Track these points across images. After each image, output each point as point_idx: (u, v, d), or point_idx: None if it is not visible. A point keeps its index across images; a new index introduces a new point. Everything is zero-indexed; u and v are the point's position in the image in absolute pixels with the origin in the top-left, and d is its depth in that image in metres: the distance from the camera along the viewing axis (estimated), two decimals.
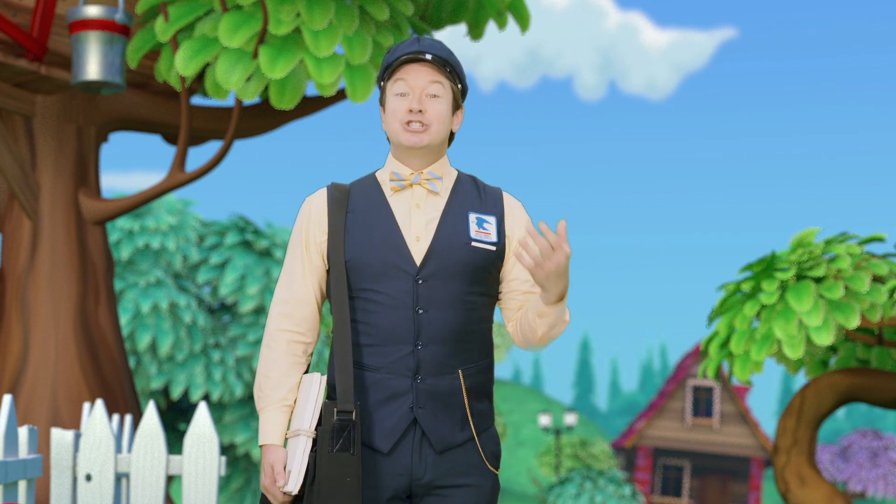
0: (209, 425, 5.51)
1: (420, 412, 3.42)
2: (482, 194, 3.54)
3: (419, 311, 3.41)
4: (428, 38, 3.50)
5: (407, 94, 3.46)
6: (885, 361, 9.92)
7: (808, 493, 9.26)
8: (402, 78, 3.46)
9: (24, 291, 9.39)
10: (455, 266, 3.43)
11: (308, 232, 3.51)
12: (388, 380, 3.42)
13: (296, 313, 3.50)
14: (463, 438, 3.46)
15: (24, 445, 4.79)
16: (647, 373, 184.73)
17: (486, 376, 3.53)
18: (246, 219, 30.00)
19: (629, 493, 32.33)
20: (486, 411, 3.52)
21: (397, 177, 3.49)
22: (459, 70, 3.52)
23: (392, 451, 3.43)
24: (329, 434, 3.34)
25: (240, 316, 29.54)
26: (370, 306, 3.43)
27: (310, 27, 8.53)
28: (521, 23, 10.29)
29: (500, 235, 3.49)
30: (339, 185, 3.55)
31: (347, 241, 3.46)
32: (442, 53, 3.47)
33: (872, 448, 32.89)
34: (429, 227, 3.45)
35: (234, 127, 9.23)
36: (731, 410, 49.01)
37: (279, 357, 3.49)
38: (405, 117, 3.44)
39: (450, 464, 3.45)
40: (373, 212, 3.47)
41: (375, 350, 3.43)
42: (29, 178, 9.38)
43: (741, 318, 8.92)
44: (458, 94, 3.51)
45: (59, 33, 9.10)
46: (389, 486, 3.43)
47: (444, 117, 3.46)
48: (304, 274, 3.51)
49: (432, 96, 3.45)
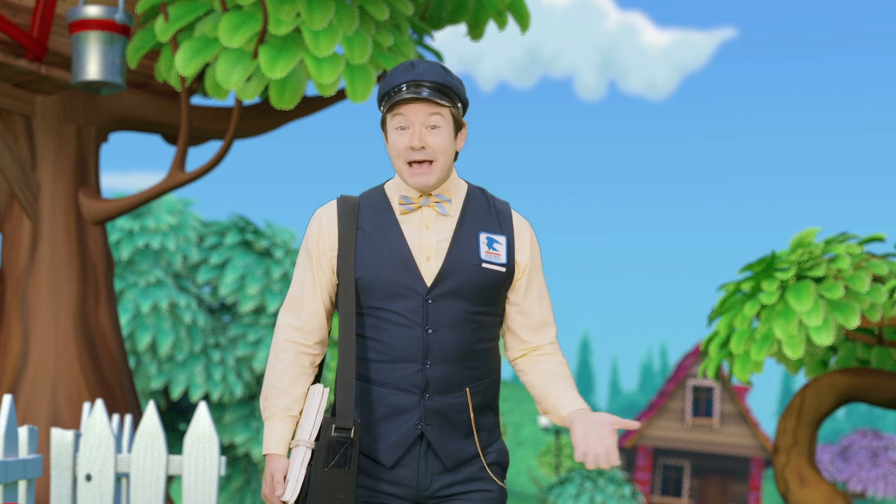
0: (209, 425, 5.51)
1: (427, 428, 3.44)
2: (492, 212, 3.54)
3: (428, 331, 3.42)
4: (423, 63, 3.46)
5: (407, 129, 3.44)
6: (885, 361, 9.92)
7: (808, 493, 9.26)
8: (401, 113, 3.44)
9: (24, 291, 9.39)
10: (465, 287, 3.44)
11: (318, 246, 3.52)
12: (395, 395, 3.44)
13: (304, 325, 3.52)
14: (470, 453, 3.48)
15: (24, 445, 4.79)
16: (647, 373, 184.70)
17: (493, 391, 3.54)
18: (246, 219, 30.00)
19: (629, 493, 32.33)
20: (492, 425, 3.54)
21: (406, 200, 3.49)
22: (458, 90, 3.48)
23: (396, 465, 3.45)
24: (325, 449, 3.36)
25: (240, 316, 29.54)
26: (380, 324, 3.44)
27: (310, 27, 8.53)
28: (521, 23, 10.29)
29: (509, 257, 3.50)
30: (348, 199, 3.55)
31: (358, 260, 3.46)
32: (438, 79, 3.44)
33: (872, 448, 32.89)
34: (440, 248, 3.46)
35: (234, 127, 9.23)
36: (731, 410, 49.01)
37: (286, 367, 3.51)
38: (407, 156, 3.43)
39: (456, 476, 3.48)
40: (383, 230, 3.48)
41: (384, 366, 3.44)
42: (29, 178, 9.38)
43: (741, 318, 8.92)
44: (459, 115, 3.49)
45: (59, 33, 9.10)
46: (395, 497, 3.46)
47: (446, 148, 3.45)
48: (313, 286, 3.52)
49: (432, 127, 3.44)
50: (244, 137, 10.23)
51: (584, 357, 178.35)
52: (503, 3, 10.16)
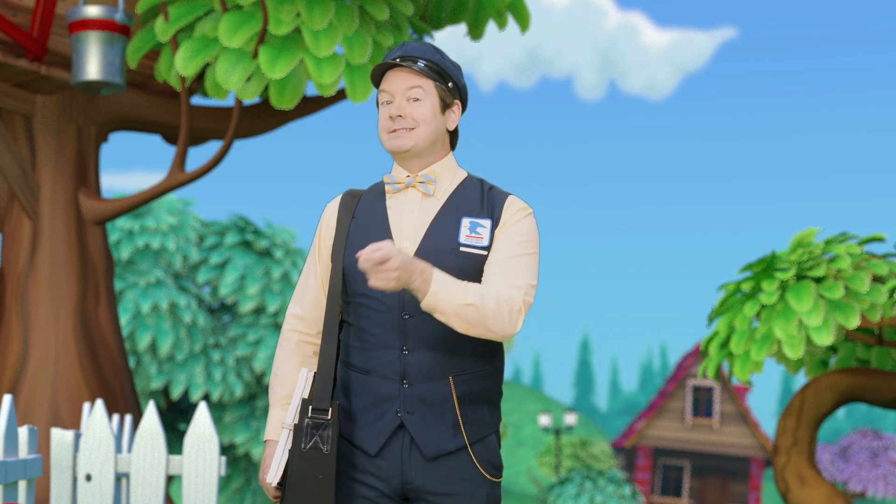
0: (209, 425, 5.51)
1: (408, 417, 3.43)
2: (484, 198, 3.52)
3: (405, 316, 3.42)
4: (413, 43, 3.51)
5: (390, 103, 3.48)
6: (885, 361, 9.92)
7: (808, 493, 9.26)
8: (385, 88, 3.49)
9: (24, 291, 9.39)
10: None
11: (320, 238, 3.59)
12: (376, 383, 3.45)
13: (307, 315, 3.58)
14: (455, 446, 3.45)
15: (24, 445, 4.79)
16: (647, 373, 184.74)
17: (487, 383, 3.50)
18: (246, 219, 30.01)
19: (629, 493, 32.33)
20: (484, 419, 3.49)
21: (392, 180, 3.52)
22: (446, 67, 3.50)
23: (380, 454, 3.45)
24: (302, 431, 3.39)
25: (240, 316, 29.54)
26: (360, 310, 3.47)
27: (310, 27, 8.53)
28: (521, 23, 10.29)
29: (492, 239, 3.47)
30: (353, 192, 3.60)
31: (347, 247, 3.50)
32: (419, 54, 3.48)
33: (872, 448, 32.90)
34: (418, 232, 3.46)
35: (234, 127, 9.23)
36: (731, 410, 49.01)
37: (287, 356, 3.58)
38: (388, 125, 3.47)
39: (441, 471, 3.44)
40: (372, 217, 3.51)
41: (365, 353, 3.46)
42: (29, 178, 9.38)
43: (741, 318, 8.92)
44: (446, 92, 3.50)
45: (59, 33, 9.10)
46: (380, 486, 3.45)
47: (428, 117, 3.46)
48: (315, 277, 3.58)
49: (413, 100, 3.46)
50: (244, 137, 10.23)
51: (584, 357, 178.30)
52: (503, 3, 10.16)
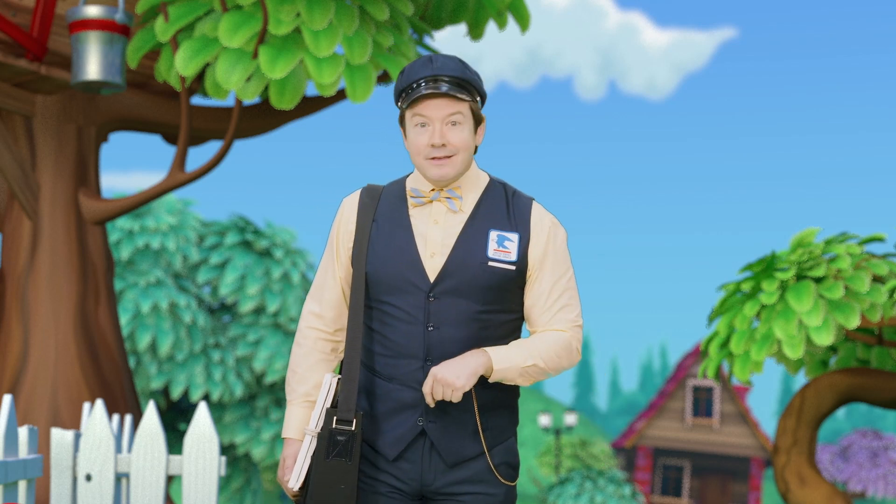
0: (209, 425, 5.51)
1: (430, 426, 3.43)
2: (510, 208, 3.50)
3: (430, 328, 3.42)
4: (441, 58, 3.43)
5: (427, 126, 3.42)
6: (885, 361, 9.92)
7: (808, 493, 9.26)
8: (421, 112, 3.41)
9: (24, 291, 9.39)
10: (468, 285, 3.42)
11: (338, 236, 3.55)
12: (400, 391, 3.45)
13: (325, 313, 3.56)
14: (474, 452, 3.47)
15: (24, 445, 4.79)
16: (647, 373, 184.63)
17: (507, 391, 3.50)
18: (246, 219, 30.00)
19: (629, 493, 32.33)
20: (503, 425, 3.50)
21: (416, 193, 3.48)
22: (477, 84, 3.45)
23: (399, 459, 3.46)
24: (326, 441, 3.38)
25: (240, 316, 29.53)
26: (385, 318, 3.46)
27: (310, 27, 8.53)
28: (521, 23, 10.28)
29: (521, 255, 3.46)
30: (372, 189, 3.56)
31: (370, 253, 3.48)
32: (457, 74, 3.41)
33: (872, 448, 32.89)
34: (445, 244, 3.44)
35: (234, 127, 9.23)
36: (731, 410, 49.01)
37: (305, 353, 3.56)
38: (428, 152, 3.42)
39: (460, 474, 3.46)
40: (395, 224, 3.48)
41: (389, 361, 3.45)
42: (29, 178, 9.38)
43: (741, 318, 8.92)
44: (479, 109, 3.46)
45: (59, 33, 9.10)
46: (399, 486, 3.46)
47: (467, 143, 3.43)
48: (334, 275, 3.56)
49: (452, 124, 3.41)
50: (244, 137, 10.23)
51: (585, 357, 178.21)
52: (503, 3, 10.16)
